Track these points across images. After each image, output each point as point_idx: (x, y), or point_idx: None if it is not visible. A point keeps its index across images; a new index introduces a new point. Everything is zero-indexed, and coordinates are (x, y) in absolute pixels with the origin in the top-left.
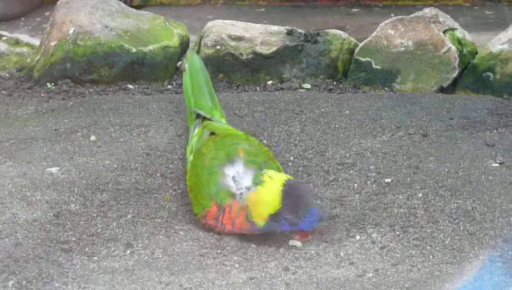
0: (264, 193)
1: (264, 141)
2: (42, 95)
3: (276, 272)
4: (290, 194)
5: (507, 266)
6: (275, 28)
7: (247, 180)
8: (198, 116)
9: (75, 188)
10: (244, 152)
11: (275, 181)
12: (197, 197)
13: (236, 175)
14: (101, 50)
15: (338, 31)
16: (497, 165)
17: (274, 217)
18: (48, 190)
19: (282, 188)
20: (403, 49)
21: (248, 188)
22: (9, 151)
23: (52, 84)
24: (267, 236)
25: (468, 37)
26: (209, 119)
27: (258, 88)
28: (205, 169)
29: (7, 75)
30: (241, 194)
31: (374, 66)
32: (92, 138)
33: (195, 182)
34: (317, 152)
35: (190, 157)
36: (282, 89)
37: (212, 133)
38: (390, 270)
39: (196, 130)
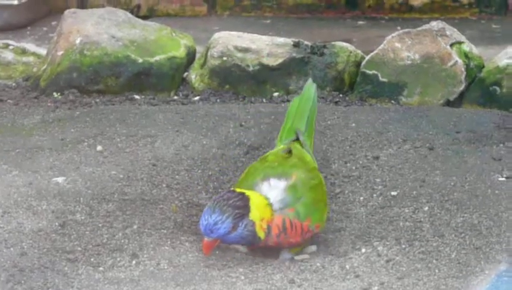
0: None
1: None
2: (48, 104)
3: (282, 284)
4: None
5: None
6: (281, 39)
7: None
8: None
9: (81, 198)
10: (296, 177)
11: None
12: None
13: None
14: (107, 60)
15: (344, 44)
16: (503, 179)
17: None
18: (54, 199)
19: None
20: (409, 62)
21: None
22: (16, 161)
23: (59, 93)
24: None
25: (475, 50)
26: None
27: (264, 100)
28: (252, 174)
29: (13, 84)
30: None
31: (380, 78)
32: (98, 148)
33: (244, 177)
34: (323, 165)
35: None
36: (288, 101)
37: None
38: (395, 283)
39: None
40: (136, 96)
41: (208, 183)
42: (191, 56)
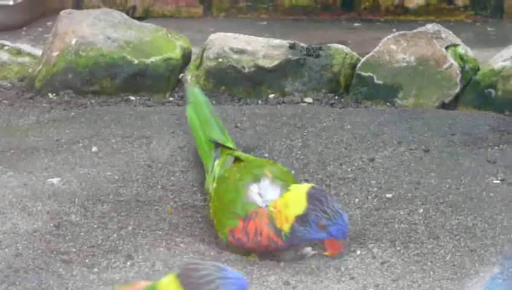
0: (288, 196)
1: (266, 155)
2: (44, 105)
3: (277, 286)
4: (316, 196)
5: (508, 283)
6: (277, 41)
7: (273, 194)
8: (216, 146)
9: (76, 199)
10: (270, 172)
11: (299, 187)
12: (222, 220)
13: (262, 190)
14: (103, 61)
15: (340, 46)
16: (498, 181)
17: (302, 219)
18: (49, 200)
19: (307, 190)
20: (405, 64)
21: (271, 199)
22: (11, 162)
23: (54, 94)
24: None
25: (470, 53)
26: (228, 148)
27: (259, 101)
28: (230, 191)
29: (9, 84)
30: (266, 206)
31: (375, 81)
32: (94, 149)
33: (219, 206)
34: (318, 166)
35: (214, 185)
36: (284, 102)
37: (237, 159)
38: (390, 285)
39: (217, 161)
40: (132, 98)
41: (203, 185)
42: (186, 57)
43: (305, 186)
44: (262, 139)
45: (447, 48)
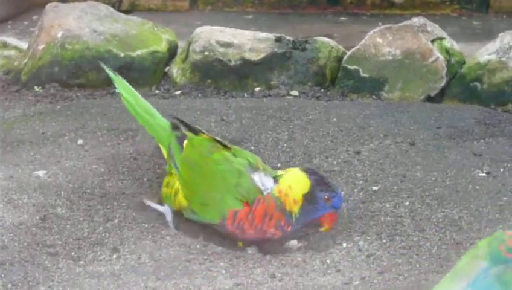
0: (288, 179)
1: (252, 148)
2: (29, 98)
3: (263, 278)
4: (314, 172)
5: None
6: (263, 34)
7: (269, 183)
8: (173, 128)
9: (62, 192)
10: (259, 162)
11: (292, 170)
12: (216, 202)
13: (262, 178)
14: (89, 54)
15: (326, 39)
16: (484, 174)
17: (309, 196)
18: (35, 193)
19: (303, 170)
20: (390, 57)
21: (272, 186)
22: None
23: (40, 87)
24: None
25: (456, 46)
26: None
27: (245, 94)
28: (232, 173)
29: None
30: (269, 192)
31: (361, 74)
32: (80, 141)
33: (215, 187)
34: (304, 159)
35: (181, 166)
36: (270, 95)
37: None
38: (376, 278)
39: (186, 141)
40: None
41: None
42: (172, 51)
43: (297, 169)
44: (248, 132)
45: (432, 41)
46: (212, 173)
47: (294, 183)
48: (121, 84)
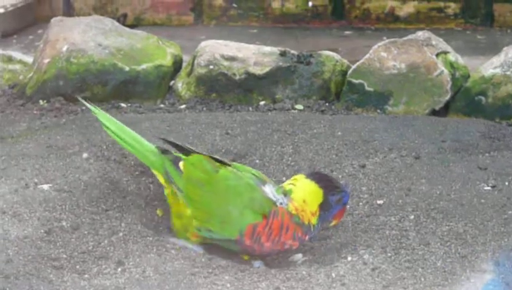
0: (302, 191)
1: (257, 161)
2: (35, 112)
3: None
4: (321, 178)
5: (498, 289)
6: (268, 48)
7: (278, 196)
8: (162, 152)
9: (67, 205)
10: (262, 175)
11: (299, 181)
12: (234, 217)
13: (271, 190)
14: (94, 68)
15: (331, 53)
16: (489, 188)
17: (324, 205)
18: (40, 206)
19: (311, 178)
20: (395, 71)
21: (283, 200)
22: (1, 168)
23: (45, 101)
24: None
25: (460, 60)
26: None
27: (250, 108)
28: (244, 187)
29: None
30: (281, 204)
31: (366, 88)
32: (84, 155)
33: (230, 203)
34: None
35: (186, 188)
36: (274, 109)
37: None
38: None
39: (182, 162)
40: (123, 104)
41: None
42: (177, 65)
43: (302, 177)
44: (253, 145)
45: (437, 55)
46: (225, 190)
47: (308, 196)
48: (104, 117)
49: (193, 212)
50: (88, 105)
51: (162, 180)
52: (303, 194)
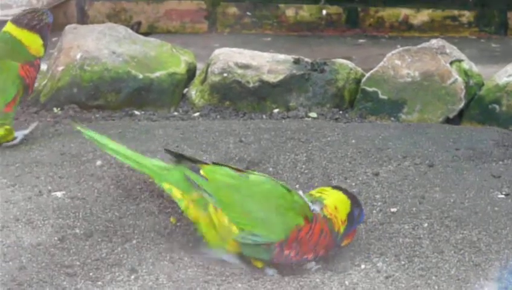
0: (333, 198)
1: (270, 169)
2: (48, 119)
3: None
4: (348, 192)
5: None
6: (281, 56)
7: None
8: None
9: (80, 213)
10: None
11: (326, 189)
12: (279, 220)
13: (303, 196)
14: (108, 75)
15: (345, 61)
16: (503, 196)
17: (350, 216)
18: (53, 214)
19: (341, 189)
20: (409, 79)
21: (315, 206)
22: (15, 175)
23: (59, 108)
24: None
25: (474, 68)
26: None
27: (264, 116)
28: (283, 190)
29: None
30: (313, 209)
31: (380, 96)
32: (98, 162)
33: (272, 206)
34: (323, 181)
35: (218, 194)
36: (288, 117)
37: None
38: None
39: (201, 170)
40: (136, 112)
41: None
42: (191, 72)
43: (329, 187)
44: (266, 153)
45: (451, 63)
46: (265, 193)
47: (339, 204)
48: (105, 140)
49: (233, 219)
50: (87, 132)
51: (176, 193)
52: (335, 201)
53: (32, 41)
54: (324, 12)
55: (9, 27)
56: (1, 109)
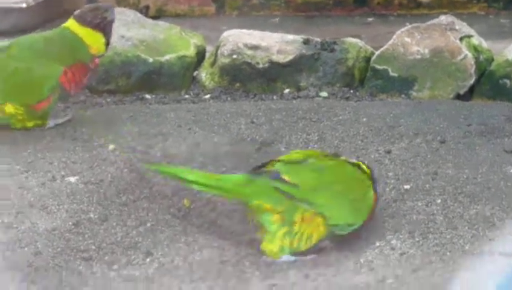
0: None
1: (283, 149)
2: (59, 105)
3: (297, 279)
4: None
5: None
6: (290, 37)
7: None
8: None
9: (94, 197)
10: None
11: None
12: (361, 204)
13: None
14: (118, 60)
15: (354, 39)
16: None
17: None
18: (67, 199)
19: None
20: (419, 56)
21: None
22: (28, 161)
23: None
24: None
25: (484, 44)
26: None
27: (275, 97)
28: (358, 172)
29: None
30: None
31: (390, 73)
32: (110, 147)
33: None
34: None
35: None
36: (299, 97)
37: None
38: (410, 276)
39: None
40: (147, 96)
41: None
42: (201, 55)
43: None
44: (278, 133)
45: (461, 39)
46: (349, 179)
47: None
48: (175, 170)
49: (328, 215)
50: (152, 168)
51: (266, 206)
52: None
53: (95, 40)
54: None
55: (71, 24)
56: (33, 104)
